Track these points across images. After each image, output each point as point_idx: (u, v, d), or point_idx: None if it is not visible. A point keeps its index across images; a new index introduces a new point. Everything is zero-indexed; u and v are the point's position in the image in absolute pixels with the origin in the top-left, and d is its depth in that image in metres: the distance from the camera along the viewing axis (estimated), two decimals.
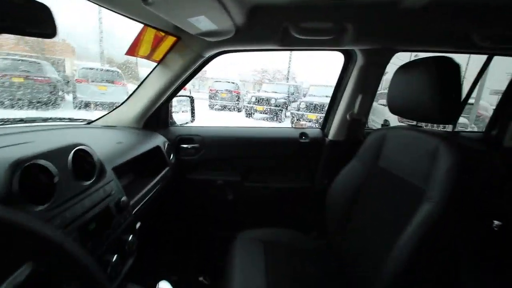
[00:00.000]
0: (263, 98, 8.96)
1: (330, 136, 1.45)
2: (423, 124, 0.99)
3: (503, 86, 1.53)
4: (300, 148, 1.49)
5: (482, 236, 1.22)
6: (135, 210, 0.87)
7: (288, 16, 1.06)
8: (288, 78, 15.70)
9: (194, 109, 1.66)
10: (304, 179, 1.53)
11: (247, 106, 9.24)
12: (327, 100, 1.53)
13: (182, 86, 1.38)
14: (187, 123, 1.61)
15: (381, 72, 1.28)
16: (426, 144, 0.80)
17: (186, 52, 1.21)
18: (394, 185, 0.88)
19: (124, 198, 0.76)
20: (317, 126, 1.72)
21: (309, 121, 7.85)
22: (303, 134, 1.50)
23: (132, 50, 1.14)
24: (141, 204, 0.93)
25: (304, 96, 9.22)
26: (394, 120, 4.86)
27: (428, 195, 0.72)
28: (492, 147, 1.40)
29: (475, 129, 6.37)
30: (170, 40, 1.16)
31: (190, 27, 0.97)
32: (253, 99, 9.09)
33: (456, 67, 0.76)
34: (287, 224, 1.42)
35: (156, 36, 1.13)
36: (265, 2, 1.02)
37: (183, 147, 1.48)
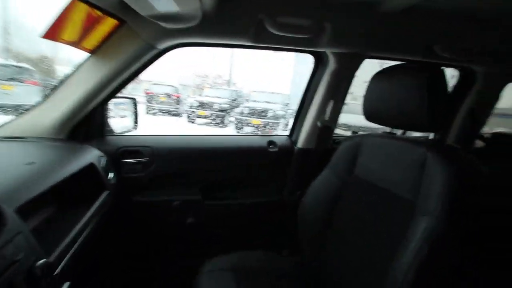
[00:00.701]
0: (206, 103, 8.66)
1: (299, 144, 1.36)
2: (397, 131, 0.97)
3: None
4: (268, 158, 1.35)
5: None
6: (60, 267, 0.58)
7: (265, 7, 0.92)
8: (229, 83, 15.70)
9: (137, 114, 1.35)
10: (273, 192, 1.40)
11: (189, 111, 8.80)
12: (269, 106, 1.44)
13: (124, 84, 1.08)
14: (128, 131, 1.30)
15: (351, 78, 1.25)
16: (411, 153, 0.75)
17: (133, 41, 0.94)
18: (377, 196, 0.82)
19: (41, 262, 0.48)
20: (258, 132, 1.62)
21: (253, 126, 7.94)
22: (271, 143, 1.37)
23: (53, 32, 0.80)
24: (70, 254, 0.63)
25: (247, 102, 9.31)
26: None
27: (423, 209, 0.67)
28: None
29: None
30: (110, 22, 0.87)
31: (141, 5, 0.72)
32: (196, 104, 8.71)
33: (443, 74, 0.74)
34: (258, 244, 1.26)
35: (90, 15, 0.83)
36: None
37: (127, 162, 1.17)
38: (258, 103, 8.44)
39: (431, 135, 1.38)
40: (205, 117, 8.70)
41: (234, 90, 10.96)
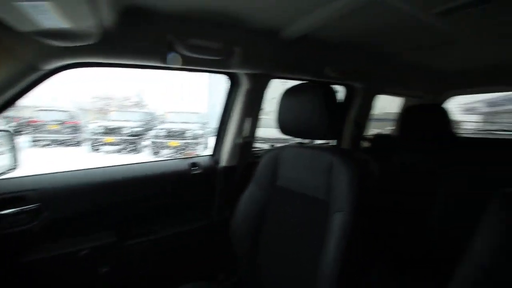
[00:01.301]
0: (113, 128, 7.67)
1: (222, 162, 1.36)
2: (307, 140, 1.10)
3: None
4: (192, 181, 1.29)
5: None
6: None
7: (174, 28, 0.90)
8: (139, 105, 14.50)
9: (16, 150, 1.07)
10: (201, 216, 1.33)
11: (92, 139, 7.60)
12: (188, 126, 1.44)
13: None
14: (3, 173, 1.01)
15: (263, 96, 1.35)
16: (321, 159, 0.87)
17: (7, 61, 0.75)
18: (298, 202, 0.91)
19: None
20: (178, 154, 1.57)
21: (172, 148, 7.50)
22: (194, 164, 1.32)
23: None
24: None
25: (163, 123, 8.78)
26: None
27: (336, 207, 0.77)
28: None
29: None
30: None
31: (19, 18, 0.59)
32: (100, 130, 7.60)
33: (333, 91, 0.90)
34: (193, 275, 1.17)
35: None
36: (147, 4, 0.82)
37: (6, 214, 0.90)
38: (175, 123, 8.07)
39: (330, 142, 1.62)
40: (114, 144, 7.69)
41: (146, 112, 10.16)
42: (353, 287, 0.76)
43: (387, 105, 2.43)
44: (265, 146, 1.59)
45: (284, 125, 1.02)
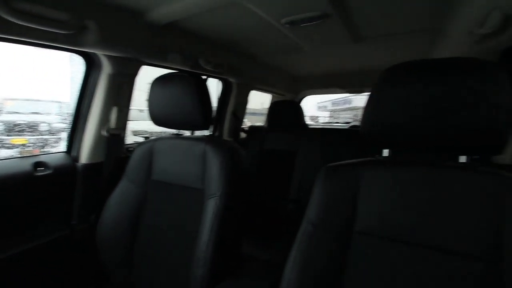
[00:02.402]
0: None
1: (83, 159, 1.16)
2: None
3: None
4: (38, 185, 1.03)
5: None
6: None
7: None
8: None
9: None
10: (57, 225, 1.09)
11: None
12: (42, 118, 1.19)
13: None
14: None
15: (133, 83, 1.23)
16: (195, 149, 0.90)
17: None
18: (176, 194, 0.91)
19: None
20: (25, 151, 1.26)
21: (17, 147, 5.67)
22: (39, 164, 1.05)
23: None
24: None
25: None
26: None
27: (210, 193, 0.82)
28: None
29: None
30: None
31: None
32: None
33: (204, 82, 0.93)
34: None
35: None
36: None
37: None
38: (22, 115, 6.12)
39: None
40: None
41: None
42: (226, 264, 0.82)
43: (266, 101, 2.75)
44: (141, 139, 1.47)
45: (156, 116, 0.97)
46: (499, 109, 0.49)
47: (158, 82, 0.95)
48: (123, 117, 1.22)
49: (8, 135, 5.66)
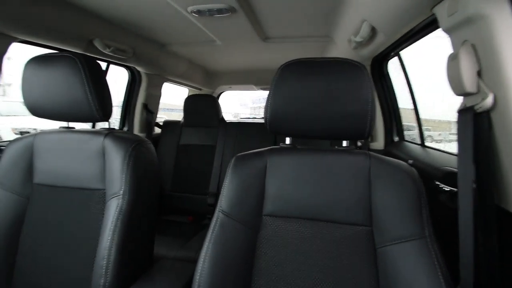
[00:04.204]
0: None
1: None
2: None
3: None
4: None
5: None
6: None
7: None
8: None
9: None
10: None
11: None
12: None
13: None
14: None
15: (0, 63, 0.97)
16: (90, 144, 0.78)
17: None
18: (69, 199, 0.78)
19: None
20: None
21: None
22: None
23: None
24: None
25: None
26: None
27: (112, 193, 0.73)
28: None
29: None
30: None
31: None
32: None
33: (100, 66, 0.82)
34: None
35: None
36: None
37: None
38: None
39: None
40: None
41: None
42: (135, 267, 0.75)
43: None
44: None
45: (33, 106, 0.79)
46: (362, 101, 0.62)
47: (35, 63, 0.77)
48: None
49: None
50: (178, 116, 1.91)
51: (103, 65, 1.54)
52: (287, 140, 0.75)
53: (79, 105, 0.76)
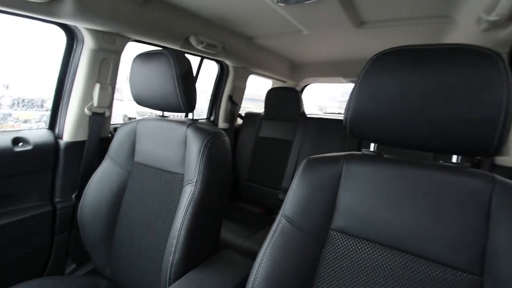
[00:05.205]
0: None
1: (66, 137, 1.14)
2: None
3: None
4: (18, 161, 1.02)
5: None
6: None
7: None
8: None
9: None
10: (36, 205, 1.08)
11: None
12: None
13: None
14: None
15: (118, 60, 1.18)
16: (176, 132, 0.86)
17: None
18: (157, 178, 0.88)
19: None
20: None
21: (24, 122, 5.71)
22: (18, 140, 1.03)
23: None
24: None
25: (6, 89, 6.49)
26: None
27: (188, 179, 0.79)
28: None
29: None
30: None
31: None
32: None
33: (189, 63, 0.88)
34: (31, 272, 1.00)
35: None
36: None
37: None
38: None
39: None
40: None
41: None
42: (200, 251, 0.80)
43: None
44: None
45: (137, 96, 0.94)
46: (492, 104, 0.43)
47: (139, 59, 0.91)
48: (107, 96, 1.18)
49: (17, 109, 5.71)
50: (262, 106, 1.92)
51: (197, 59, 1.70)
52: (372, 147, 0.62)
53: (169, 97, 0.85)
